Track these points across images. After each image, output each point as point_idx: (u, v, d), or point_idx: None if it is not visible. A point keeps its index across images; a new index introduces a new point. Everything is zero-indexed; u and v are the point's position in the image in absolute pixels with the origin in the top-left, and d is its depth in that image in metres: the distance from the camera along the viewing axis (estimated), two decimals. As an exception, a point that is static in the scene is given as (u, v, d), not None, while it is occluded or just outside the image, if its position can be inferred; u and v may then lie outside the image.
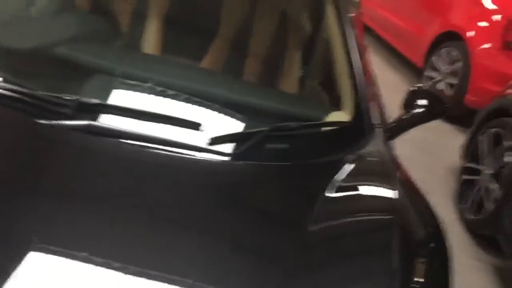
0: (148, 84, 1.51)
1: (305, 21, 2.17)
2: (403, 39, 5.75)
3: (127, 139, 1.31)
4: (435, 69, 5.01)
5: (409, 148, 4.15)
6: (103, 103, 1.39)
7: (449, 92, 4.75)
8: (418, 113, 1.92)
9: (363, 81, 1.77)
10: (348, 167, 1.49)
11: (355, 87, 1.73)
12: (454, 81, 4.73)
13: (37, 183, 1.21)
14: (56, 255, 1.04)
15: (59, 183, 1.22)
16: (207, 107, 1.53)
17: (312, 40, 2.13)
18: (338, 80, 1.82)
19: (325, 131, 1.61)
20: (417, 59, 5.37)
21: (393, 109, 2.22)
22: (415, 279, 1.22)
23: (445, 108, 1.99)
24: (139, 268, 1.05)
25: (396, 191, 1.41)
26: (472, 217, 3.25)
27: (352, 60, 1.80)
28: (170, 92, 1.52)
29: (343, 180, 1.42)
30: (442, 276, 1.32)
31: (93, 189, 1.22)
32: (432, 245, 1.41)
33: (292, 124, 1.47)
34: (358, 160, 1.54)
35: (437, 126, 4.75)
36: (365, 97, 1.73)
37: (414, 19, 5.52)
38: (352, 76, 1.75)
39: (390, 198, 1.40)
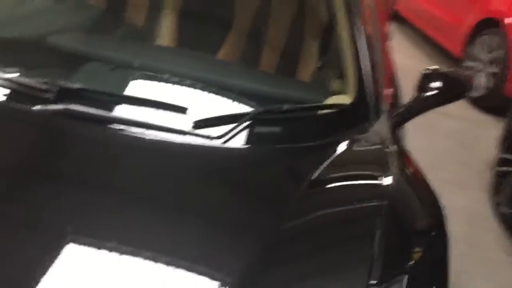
0: (135, 70, 1.51)
1: (318, 8, 2.10)
2: (441, 29, 5.55)
3: (106, 123, 1.30)
4: (474, 58, 4.80)
5: (444, 140, 4.00)
6: (86, 87, 1.37)
7: (490, 82, 4.55)
8: (430, 96, 1.82)
9: (368, 66, 1.68)
10: (342, 152, 1.42)
11: (358, 72, 1.65)
12: (495, 70, 4.51)
13: (19, 168, 1.22)
14: (34, 238, 1.04)
15: (41, 167, 1.23)
16: (193, 90, 1.51)
17: (323, 28, 2.06)
18: (343, 66, 1.75)
19: (321, 114, 1.54)
20: (456, 49, 5.17)
21: None
22: (409, 267, 1.14)
23: (462, 90, 1.88)
24: (124, 248, 1.04)
25: (391, 179, 1.32)
26: (508, 210, 3.07)
27: (358, 45, 1.72)
28: (157, 75, 1.51)
29: (333, 164, 1.36)
30: (438, 265, 1.23)
31: (74, 173, 1.23)
32: (432, 234, 1.33)
33: (284, 106, 1.43)
34: (354, 144, 1.46)
35: (475, 117, 4.56)
36: (368, 82, 1.64)
37: (452, 8, 5.31)
38: (356, 61, 1.67)
39: (383, 185, 1.31)
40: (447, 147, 3.92)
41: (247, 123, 1.37)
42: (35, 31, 1.70)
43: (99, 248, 1.04)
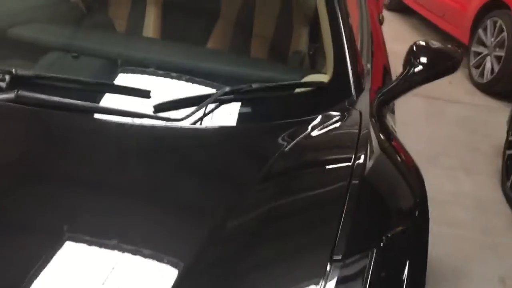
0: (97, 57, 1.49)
1: None
2: (447, 16, 5.42)
3: (58, 108, 1.26)
4: (481, 43, 4.68)
5: (452, 127, 3.89)
6: (40, 74, 1.34)
7: (497, 66, 4.41)
8: (417, 72, 1.73)
9: (346, 45, 1.62)
10: (314, 130, 1.35)
11: (336, 51, 1.60)
12: (502, 53, 4.38)
13: None
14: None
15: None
16: (157, 74, 1.47)
17: (303, 14, 2.00)
18: (321, 46, 1.68)
19: (295, 93, 1.48)
20: (463, 35, 5.04)
21: (433, 87, 2.03)
22: (378, 243, 1.06)
23: (451, 64, 1.78)
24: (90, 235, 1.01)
25: (364, 157, 1.25)
26: (518, 194, 2.95)
27: (336, 24, 1.65)
28: (119, 62, 1.49)
29: (303, 143, 1.30)
30: (414, 243, 1.15)
31: (27, 159, 1.20)
32: (411, 213, 1.25)
33: (252, 85, 1.37)
34: (328, 122, 1.40)
35: (484, 103, 4.44)
36: (346, 60, 1.59)
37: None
38: (334, 41, 1.62)
39: (354, 163, 1.23)
40: (455, 133, 3.80)
41: (213, 104, 1.32)
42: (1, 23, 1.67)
43: (62, 225, 1.01)
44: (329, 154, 1.36)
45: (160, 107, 1.30)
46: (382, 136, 1.45)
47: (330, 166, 1.31)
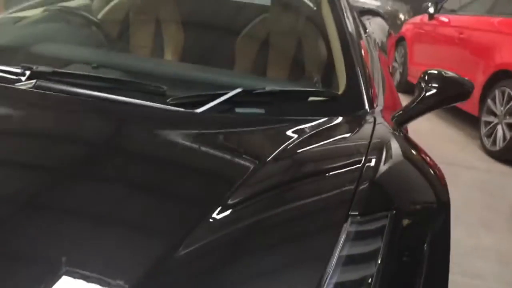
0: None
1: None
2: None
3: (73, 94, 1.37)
4: (491, 113, 4.74)
5: (468, 190, 3.84)
6: (59, 70, 1.46)
7: (508, 132, 4.44)
8: (430, 95, 1.77)
9: (357, 64, 1.69)
10: (323, 130, 1.37)
11: (348, 69, 1.67)
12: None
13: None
14: None
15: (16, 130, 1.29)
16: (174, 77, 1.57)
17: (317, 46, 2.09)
18: (334, 66, 1.74)
19: (307, 100, 1.52)
20: (472, 108, 5.12)
21: (447, 154, 2.04)
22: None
23: (463, 91, 1.82)
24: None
25: (376, 153, 1.22)
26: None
27: (348, 51, 1.73)
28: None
29: (312, 138, 1.31)
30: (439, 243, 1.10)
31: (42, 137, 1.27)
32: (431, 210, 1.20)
33: (265, 87, 1.43)
34: (338, 124, 1.42)
35: (499, 169, 4.42)
36: (359, 77, 1.65)
37: (462, 67, 5.35)
38: (346, 58, 1.70)
39: (367, 149, 1.22)
40: (472, 195, 3.75)
41: (226, 102, 1.37)
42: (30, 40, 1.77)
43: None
44: (343, 147, 1.35)
45: (175, 101, 1.35)
46: (401, 142, 1.42)
47: (344, 153, 1.29)
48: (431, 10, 6.42)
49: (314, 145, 1.28)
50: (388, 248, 0.93)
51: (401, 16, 10.48)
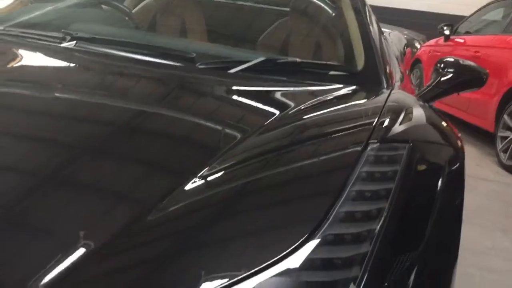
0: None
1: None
2: (470, 109, 5.61)
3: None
4: (507, 128, 4.79)
5: (485, 199, 3.87)
6: (97, 36, 1.62)
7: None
8: (446, 80, 1.86)
9: (374, 45, 1.78)
10: (338, 96, 1.45)
11: (366, 51, 1.74)
12: (528, 135, 4.48)
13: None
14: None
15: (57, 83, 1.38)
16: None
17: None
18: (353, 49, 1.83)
19: (325, 73, 1.60)
20: (488, 124, 5.17)
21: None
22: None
23: (477, 76, 1.90)
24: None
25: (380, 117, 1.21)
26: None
27: (368, 36, 1.83)
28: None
29: (327, 102, 1.38)
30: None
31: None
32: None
33: (288, 58, 1.52)
34: (354, 91, 1.50)
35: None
36: (375, 57, 1.72)
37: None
38: (365, 43, 1.77)
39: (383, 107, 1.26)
40: (488, 203, 3.78)
41: (246, 65, 1.49)
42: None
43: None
44: (360, 106, 1.41)
45: (204, 65, 1.49)
46: (417, 103, 1.44)
47: (360, 112, 1.33)
48: (447, 32, 6.54)
49: (331, 105, 1.35)
50: (403, 180, 0.95)
51: (417, 45, 10.59)
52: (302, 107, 1.30)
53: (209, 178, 0.94)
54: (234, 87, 1.45)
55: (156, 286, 0.73)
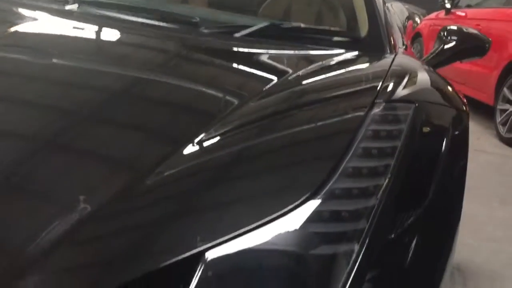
0: None
1: None
2: (469, 82, 5.61)
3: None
4: (507, 101, 4.80)
5: (482, 170, 3.90)
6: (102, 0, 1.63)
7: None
8: (449, 47, 1.86)
9: (378, 13, 1.77)
10: (341, 60, 1.44)
11: (370, 18, 1.73)
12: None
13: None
14: None
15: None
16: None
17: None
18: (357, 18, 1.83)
19: (329, 39, 1.60)
20: (488, 97, 5.19)
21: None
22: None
23: (479, 44, 1.90)
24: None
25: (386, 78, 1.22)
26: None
27: (372, 1, 1.81)
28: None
29: (329, 65, 1.37)
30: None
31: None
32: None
33: (293, 23, 1.52)
34: (358, 56, 1.50)
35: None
36: (379, 24, 1.71)
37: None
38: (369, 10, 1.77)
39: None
40: (487, 175, 3.81)
41: (249, 30, 1.49)
42: None
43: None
44: (364, 70, 1.42)
45: (207, 30, 1.50)
46: (421, 66, 1.45)
47: (365, 74, 1.35)
48: (448, 5, 6.50)
49: (335, 69, 1.35)
50: (409, 139, 0.96)
51: (417, 20, 10.53)
52: (306, 71, 1.30)
53: (206, 143, 0.93)
54: (236, 52, 1.46)
55: (157, 246, 0.73)
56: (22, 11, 1.58)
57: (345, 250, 0.76)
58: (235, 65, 1.41)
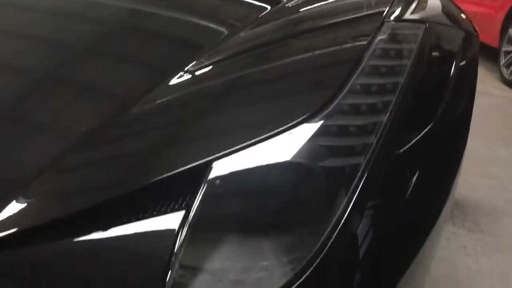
0: None
1: None
2: (476, 23, 5.48)
3: None
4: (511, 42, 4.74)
5: (485, 112, 3.89)
6: None
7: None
8: None
9: None
10: None
11: None
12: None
13: None
14: None
15: None
16: None
17: None
18: None
19: None
20: (492, 39, 5.10)
21: None
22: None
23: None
24: None
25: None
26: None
27: None
28: None
29: None
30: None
31: None
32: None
33: None
34: None
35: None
36: None
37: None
38: None
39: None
40: (490, 116, 3.81)
41: None
42: None
43: None
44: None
45: None
46: None
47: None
48: None
49: None
50: (418, 58, 0.94)
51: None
52: None
53: (199, 72, 0.92)
54: None
55: (158, 159, 0.73)
56: None
57: (352, 164, 0.76)
58: None
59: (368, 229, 0.74)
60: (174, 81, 0.89)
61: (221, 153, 0.72)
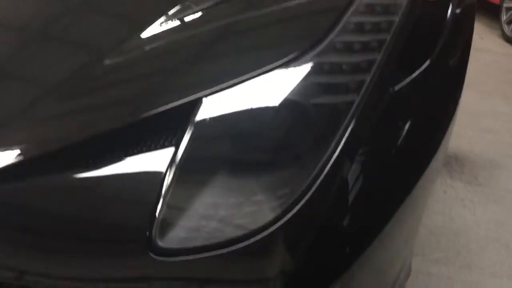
0: None
1: None
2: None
3: None
4: (513, -2, 4.67)
5: (484, 67, 3.86)
6: None
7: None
8: None
9: None
10: None
11: None
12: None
13: None
14: None
15: None
16: None
17: None
18: None
19: None
20: (494, -4, 5.03)
21: None
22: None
23: None
24: None
25: None
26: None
27: None
28: None
29: None
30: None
31: None
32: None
33: None
34: None
35: (518, 51, 4.40)
36: None
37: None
38: None
39: None
40: (490, 72, 3.78)
41: None
42: None
43: None
44: None
45: None
46: None
47: None
48: None
49: None
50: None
51: None
52: None
53: (185, 13, 0.90)
54: None
55: (150, 93, 0.74)
56: None
57: (345, 101, 0.76)
58: None
59: (357, 169, 0.74)
60: (161, 22, 0.88)
61: (211, 90, 0.72)
